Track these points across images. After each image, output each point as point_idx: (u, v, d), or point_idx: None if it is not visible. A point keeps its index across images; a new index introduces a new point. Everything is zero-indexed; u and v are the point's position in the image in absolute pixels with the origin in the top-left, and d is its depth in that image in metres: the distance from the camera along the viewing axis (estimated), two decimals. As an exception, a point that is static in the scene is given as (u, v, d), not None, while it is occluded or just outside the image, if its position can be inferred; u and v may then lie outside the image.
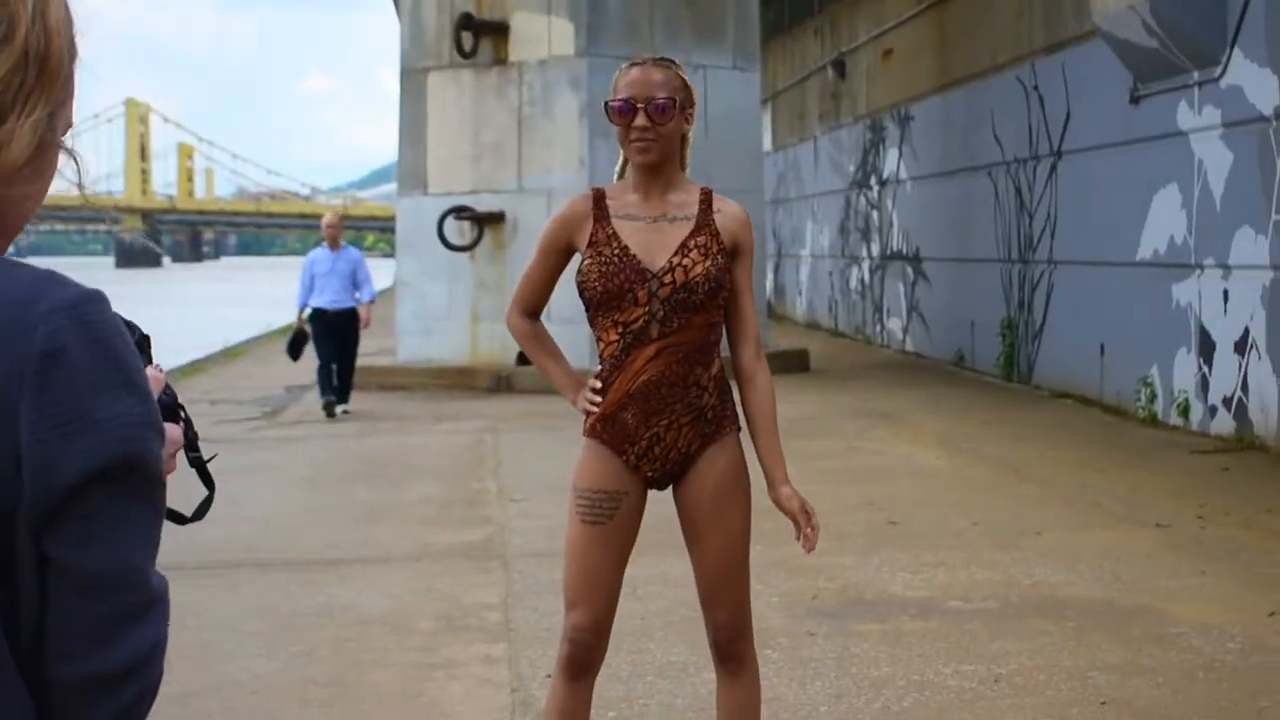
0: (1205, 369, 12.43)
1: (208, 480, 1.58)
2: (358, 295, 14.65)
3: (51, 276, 1.40)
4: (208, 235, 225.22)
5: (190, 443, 1.60)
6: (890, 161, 22.63)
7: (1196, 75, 12.44)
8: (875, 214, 23.66)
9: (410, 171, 18.28)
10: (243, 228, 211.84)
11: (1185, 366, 12.77)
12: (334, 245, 14.65)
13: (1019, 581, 7.38)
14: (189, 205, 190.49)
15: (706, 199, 3.97)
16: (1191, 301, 12.65)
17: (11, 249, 1.47)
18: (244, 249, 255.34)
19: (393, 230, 23.58)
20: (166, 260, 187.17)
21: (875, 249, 23.70)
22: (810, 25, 28.48)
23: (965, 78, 18.89)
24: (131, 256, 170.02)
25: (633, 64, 4.00)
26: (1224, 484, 10.01)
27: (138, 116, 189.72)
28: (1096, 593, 7.15)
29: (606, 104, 3.94)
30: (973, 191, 18.50)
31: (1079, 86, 15.07)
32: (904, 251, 22.00)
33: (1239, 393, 11.88)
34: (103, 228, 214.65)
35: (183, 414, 1.61)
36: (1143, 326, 13.51)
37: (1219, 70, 12.09)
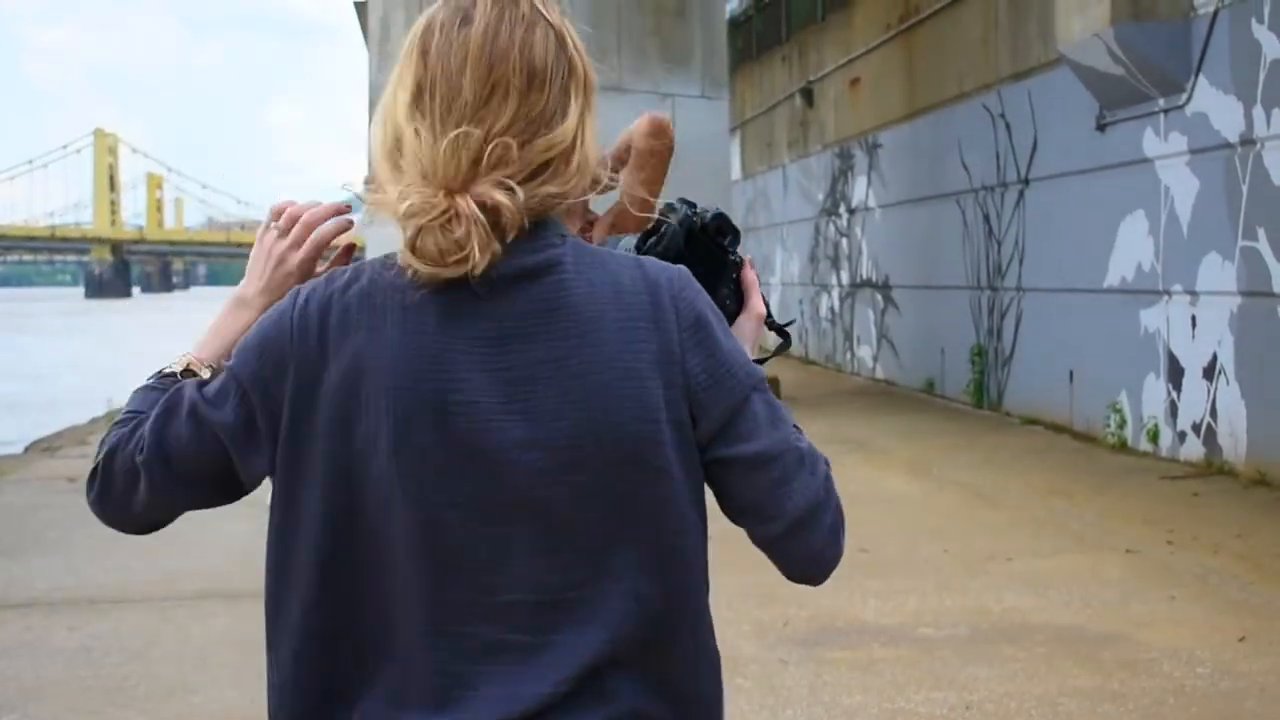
0: (1174, 395, 12.48)
1: (785, 334, 2.14)
2: None
3: (652, 261, 1.82)
4: (177, 265, 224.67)
5: (770, 319, 2.10)
6: (859, 189, 22.70)
7: (1162, 102, 12.52)
8: (844, 241, 23.72)
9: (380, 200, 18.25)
10: (212, 258, 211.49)
11: (1154, 392, 12.83)
12: None
13: (989, 608, 7.39)
14: (158, 236, 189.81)
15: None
16: (1160, 327, 12.71)
17: None
18: (214, 279, 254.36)
19: (363, 259, 23.52)
20: (136, 290, 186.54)
21: (845, 277, 23.76)
22: (778, 53, 28.58)
23: (932, 105, 18.97)
24: (100, 287, 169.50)
25: None
26: (1193, 509, 10.04)
27: (106, 147, 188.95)
28: (1066, 619, 7.16)
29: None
30: (941, 219, 18.56)
31: (1045, 114, 15.15)
32: (873, 279, 22.06)
33: (1208, 418, 11.93)
34: (72, 258, 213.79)
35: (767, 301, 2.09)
36: (1111, 353, 13.56)
37: (1184, 97, 12.17)
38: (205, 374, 1.86)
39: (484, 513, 1.72)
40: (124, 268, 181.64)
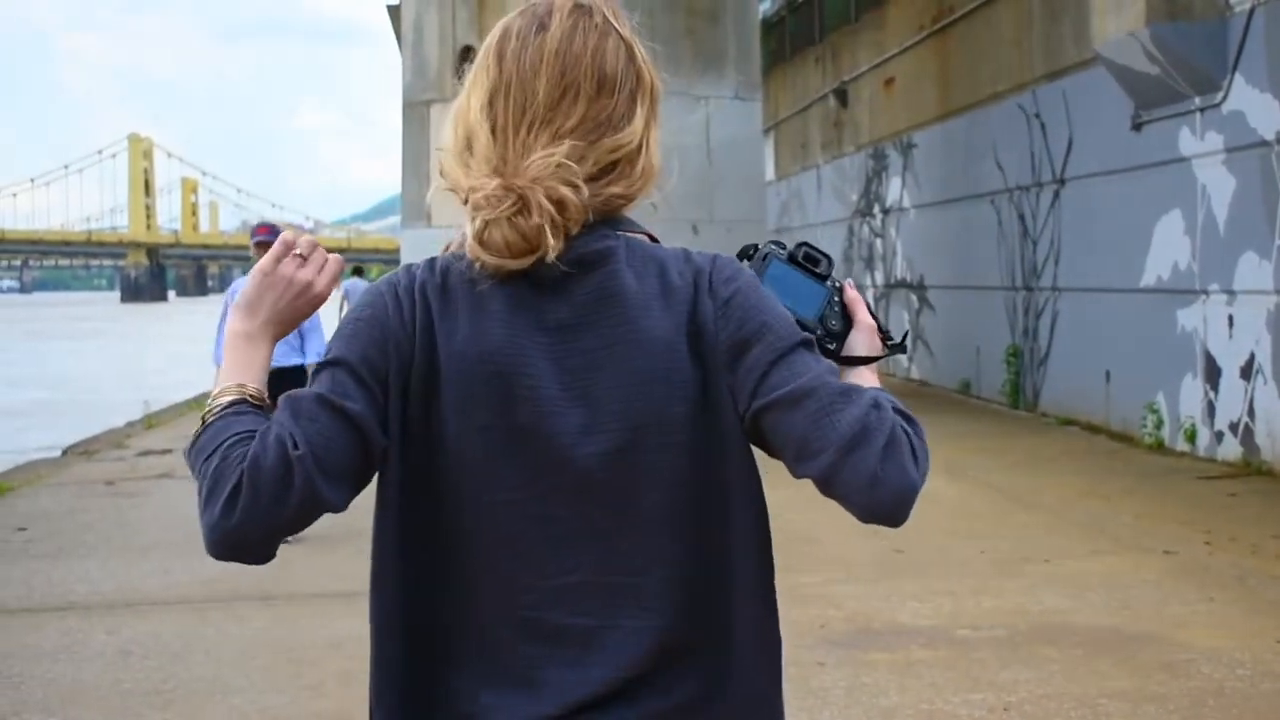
0: (1211, 394, 12.42)
1: (900, 347, 2.14)
2: (306, 355, 10.00)
3: (701, 251, 1.90)
4: (212, 269, 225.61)
5: (883, 332, 2.09)
6: (893, 189, 22.65)
7: (1198, 101, 12.46)
8: (879, 242, 23.68)
9: (413, 204, 18.28)
10: (247, 261, 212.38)
11: (1191, 392, 12.76)
12: None
13: (1027, 609, 7.36)
14: (193, 239, 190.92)
15: None
16: (1197, 327, 12.65)
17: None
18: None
19: (397, 262, 23.64)
20: (171, 294, 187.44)
21: (879, 277, 23.71)
22: (812, 54, 28.54)
23: (967, 105, 18.92)
24: (136, 291, 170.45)
25: None
26: (1231, 510, 9.99)
27: (140, 152, 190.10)
28: (1104, 620, 7.13)
29: None
30: (976, 219, 18.51)
31: (1081, 113, 15.09)
32: (908, 279, 22.02)
33: (1245, 418, 11.87)
34: (108, 263, 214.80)
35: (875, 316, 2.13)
36: (1148, 352, 13.50)
37: (1220, 96, 12.11)
38: (260, 400, 1.86)
39: (544, 496, 1.79)
40: (159, 272, 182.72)
